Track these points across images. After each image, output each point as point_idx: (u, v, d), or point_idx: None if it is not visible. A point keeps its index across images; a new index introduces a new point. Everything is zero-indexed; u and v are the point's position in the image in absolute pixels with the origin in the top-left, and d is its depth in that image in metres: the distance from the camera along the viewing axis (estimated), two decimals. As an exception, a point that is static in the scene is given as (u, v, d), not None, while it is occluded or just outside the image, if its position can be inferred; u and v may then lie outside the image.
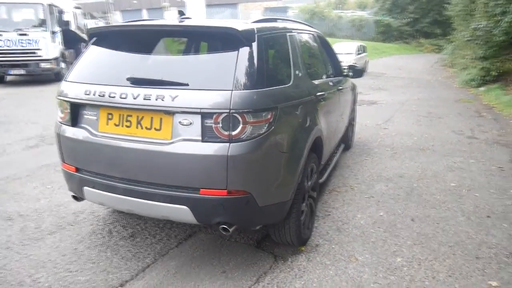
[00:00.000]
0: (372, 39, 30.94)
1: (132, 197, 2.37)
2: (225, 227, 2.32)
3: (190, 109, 2.16)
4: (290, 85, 2.61)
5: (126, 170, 2.37)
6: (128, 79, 2.31)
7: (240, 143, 2.15)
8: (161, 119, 2.26)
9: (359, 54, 16.33)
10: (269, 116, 2.25)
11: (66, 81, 2.62)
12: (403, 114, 8.01)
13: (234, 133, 2.15)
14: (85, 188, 2.56)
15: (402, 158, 5.10)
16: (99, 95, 2.36)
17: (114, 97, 2.31)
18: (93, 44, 2.70)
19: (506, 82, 10.88)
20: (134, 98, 2.25)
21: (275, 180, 2.42)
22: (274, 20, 3.14)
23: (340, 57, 4.79)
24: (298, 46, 3.02)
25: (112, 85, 2.35)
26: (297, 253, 2.90)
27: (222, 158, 2.15)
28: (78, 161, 2.59)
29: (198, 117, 2.18)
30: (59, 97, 2.61)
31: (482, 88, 11.19)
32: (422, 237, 3.11)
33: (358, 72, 4.45)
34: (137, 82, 2.31)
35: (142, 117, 2.30)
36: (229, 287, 2.50)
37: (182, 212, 2.29)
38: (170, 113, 2.22)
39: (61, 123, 2.64)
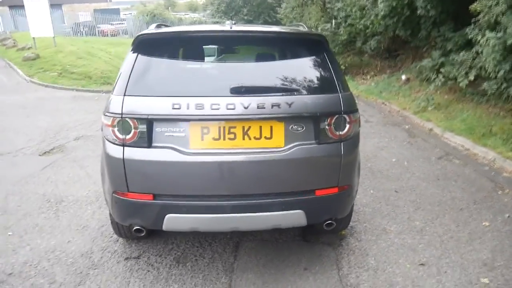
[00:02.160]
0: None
1: (241, 213, 2.27)
2: (331, 222, 2.46)
3: (306, 114, 2.23)
4: None
5: (234, 186, 2.25)
6: (234, 88, 2.18)
7: (348, 141, 2.35)
8: (271, 127, 2.23)
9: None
10: (359, 115, 2.49)
11: (126, 95, 2.22)
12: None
13: (342, 132, 2.32)
14: (169, 216, 2.28)
15: (337, 145, 5.84)
16: (196, 108, 2.15)
17: (218, 108, 2.14)
18: (142, 53, 2.36)
19: (353, 74, 13.15)
20: (245, 108, 2.15)
21: (358, 169, 2.68)
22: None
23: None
24: None
25: (210, 96, 2.18)
26: (342, 237, 3.20)
27: (337, 157, 2.31)
28: (157, 187, 2.28)
29: (311, 121, 2.26)
30: (124, 115, 2.19)
31: (335, 80, 13.24)
32: (414, 203, 3.82)
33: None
34: (243, 91, 2.21)
35: (249, 127, 2.22)
36: (322, 281, 2.66)
37: (296, 217, 2.33)
38: (282, 119, 2.23)
39: (126, 145, 2.25)
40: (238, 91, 2.21)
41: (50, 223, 3.46)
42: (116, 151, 2.26)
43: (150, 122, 2.21)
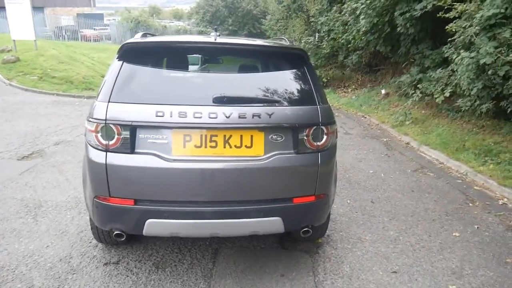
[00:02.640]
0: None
1: (220, 219, 2.33)
2: (308, 230, 2.55)
3: (286, 125, 2.32)
4: None
5: (215, 193, 2.31)
6: (217, 98, 2.25)
7: (325, 151, 2.45)
8: (251, 136, 2.31)
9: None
10: (336, 127, 2.60)
11: (110, 102, 2.27)
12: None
13: (320, 143, 2.42)
14: (149, 221, 2.33)
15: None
16: (179, 116, 2.21)
17: (200, 117, 2.22)
18: (128, 61, 2.40)
19: (334, 87, 13.44)
20: (227, 117, 2.23)
21: (335, 179, 2.78)
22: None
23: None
24: None
25: (193, 105, 2.24)
26: (319, 245, 3.29)
27: (314, 167, 2.40)
28: (139, 193, 2.32)
29: (290, 131, 2.35)
30: (108, 121, 2.24)
31: (318, 93, 13.47)
32: (389, 213, 3.94)
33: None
34: (225, 100, 2.28)
35: (230, 136, 2.29)
36: (299, 287, 2.73)
37: (274, 224, 2.41)
38: (262, 129, 2.31)
39: (109, 151, 2.28)
40: (221, 100, 2.28)
41: (28, 227, 3.43)
42: (99, 157, 2.29)
43: (133, 128, 2.26)
